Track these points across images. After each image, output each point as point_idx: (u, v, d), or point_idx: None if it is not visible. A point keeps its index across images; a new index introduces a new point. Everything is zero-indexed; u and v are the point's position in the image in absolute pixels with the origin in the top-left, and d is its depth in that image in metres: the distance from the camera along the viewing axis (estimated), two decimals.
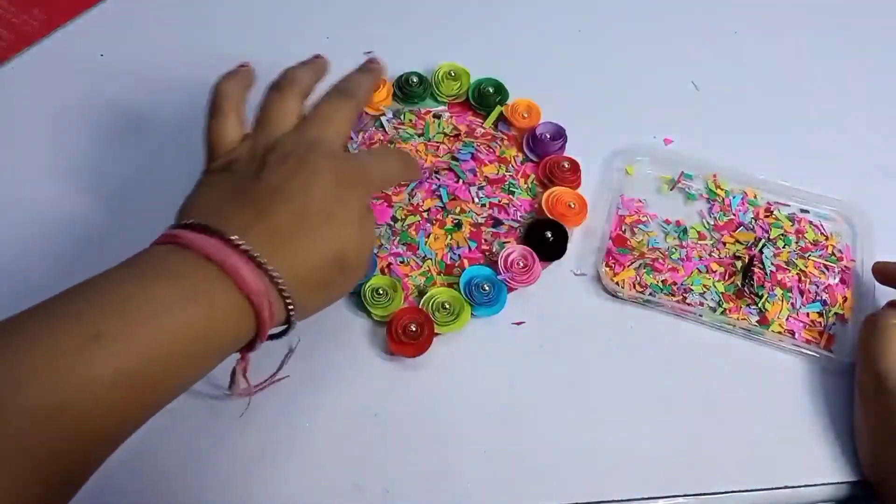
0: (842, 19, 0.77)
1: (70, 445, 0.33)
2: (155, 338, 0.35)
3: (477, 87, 0.66)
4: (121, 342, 0.34)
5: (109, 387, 0.33)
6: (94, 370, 0.33)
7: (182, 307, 0.36)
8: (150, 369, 0.35)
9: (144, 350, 0.35)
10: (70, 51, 0.68)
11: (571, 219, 0.59)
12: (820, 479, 0.51)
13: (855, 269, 0.59)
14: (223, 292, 0.38)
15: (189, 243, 0.38)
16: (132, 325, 0.35)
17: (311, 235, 0.41)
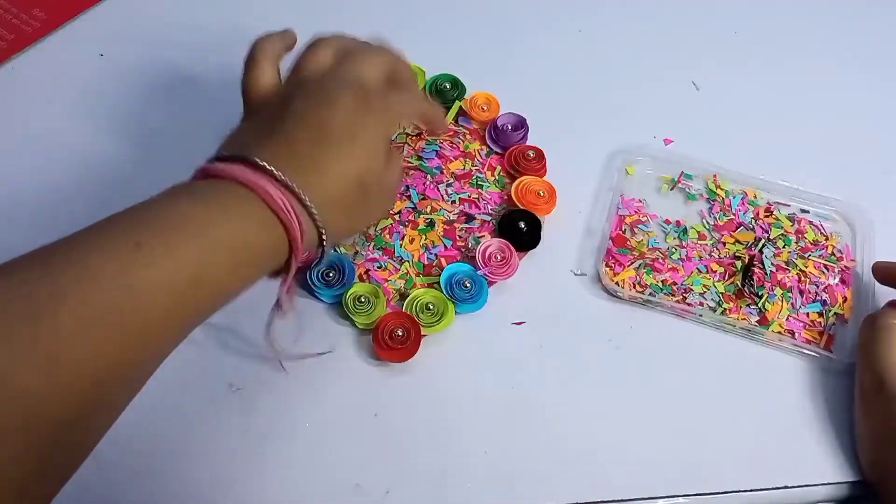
0: (841, 18, 0.77)
1: (115, 349, 0.34)
2: (192, 248, 0.37)
3: (433, 84, 0.66)
4: (160, 250, 0.36)
5: (151, 291, 0.35)
6: (137, 275, 0.34)
7: (216, 223, 0.38)
8: (188, 276, 0.36)
9: (182, 258, 0.36)
10: (70, 50, 0.68)
11: (542, 207, 0.59)
12: (819, 480, 0.51)
13: (855, 269, 0.59)
14: (253, 210, 0.40)
15: (218, 172, 0.41)
16: (169, 236, 0.36)
17: (332, 156, 0.43)
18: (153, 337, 0.36)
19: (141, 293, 0.34)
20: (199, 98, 0.66)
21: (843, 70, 0.73)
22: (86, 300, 0.33)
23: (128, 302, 0.34)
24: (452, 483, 0.49)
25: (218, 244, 0.38)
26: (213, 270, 0.38)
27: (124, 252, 0.35)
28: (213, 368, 0.53)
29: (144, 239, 0.36)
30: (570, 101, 0.68)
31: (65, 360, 0.32)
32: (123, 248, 0.35)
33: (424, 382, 0.53)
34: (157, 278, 0.35)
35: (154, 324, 0.35)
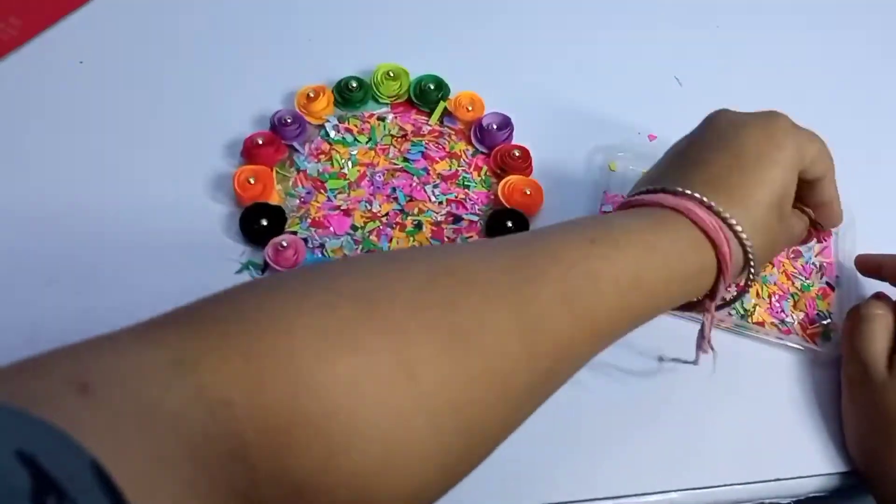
0: (824, 12, 0.78)
1: (572, 327, 0.37)
2: (635, 250, 0.40)
3: (418, 85, 0.66)
4: (610, 247, 0.39)
5: (604, 281, 0.38)
6: (594, 264, 0.38)
7: (653, 232, 0.41)
8: (632, 275, 0.39)
9: (628, 258, 0.39)
10: (48, 58, 0.68)
11: (529, 206, 0.59)
12: (810, 472, 0.51)
13: (838, 261, 0.60)
14: (682, 228, 0.42)
15: (641, 201, 0.44)
16: (618, 235, 0.40)
17: (750, 177, 0.45)
18: (598, 325, 0.38)
19: (597, 281, 0.38)
20: (179, 105, 0.66)
21: (826, 64, 0.73)
22: (555, 279, 0.37)
23: (586, 287, 0.37)
24: None
25: (656, 251, 0.40)
26: (651, 275, 0.40)
27: (583, 245, 0.39)
28: None
29: (598, 237, 0.39)
30: (555, 99, 0.68)
31: (538, 330, 0.35)
32: (582, 241, 0.39)
33: None
34: (609, 270, 0.38)
35: (602, 313, 0.38)
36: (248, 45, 0.70)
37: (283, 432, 0.28)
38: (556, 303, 0.36)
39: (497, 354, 0.34)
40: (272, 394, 0.28)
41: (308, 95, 0.64)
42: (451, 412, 0.32)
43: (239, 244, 0.58)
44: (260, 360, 0.29)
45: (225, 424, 0.27)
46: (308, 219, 0.59)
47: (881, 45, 0.76)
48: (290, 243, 0.56)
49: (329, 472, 0.29)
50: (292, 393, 0.29)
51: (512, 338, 0.34)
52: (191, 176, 0.60)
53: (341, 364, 0.30)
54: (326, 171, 0.61)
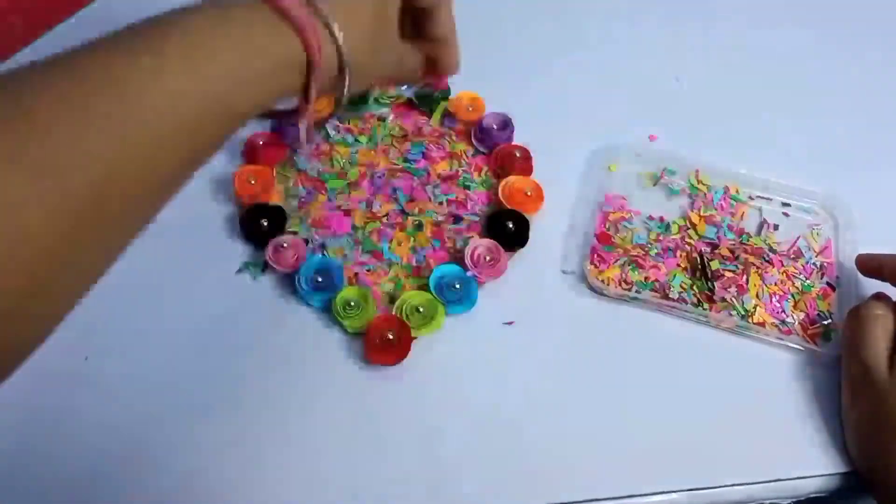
0: (823, 13, 0.78)
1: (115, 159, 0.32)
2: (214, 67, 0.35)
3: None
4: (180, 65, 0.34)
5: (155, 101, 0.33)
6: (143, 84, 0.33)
7: (237, 39, 0.36)
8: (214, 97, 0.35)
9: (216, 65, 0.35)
10: None
11: (529, 206, 0.59)
12: (810, 472, 0.51)
13: (838, 261, 0.60)
14: (264, 18, 0.37)
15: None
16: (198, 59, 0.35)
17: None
18: (158, 151, 0.33)
19: (144, 103, 0.32)
20: None
21: (827, 63, 0.73)
22: (81, 105, 0.31)
23: (127, 110, 0.32)
24: (446, 485, 0.49)
25: (216, 57, 0.35)
26: (225, 88, 0.36)
27: (135, 62, 0.34)
28: (203, 377, 0.52)
29: (156, 52, 0.34)
30: (556, 99, 0.68)
31: (56, 167, 0.30)
32: (134, 58, 0.34)
33: (416, 385, 0.53)
34: (170, 90, 0.33)
35: (159, 137, 0.33)
36: None
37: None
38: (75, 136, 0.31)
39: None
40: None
41: None
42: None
43: (239, 244, 0.58)
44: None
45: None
46: (308, 219, 0.59)
47: (882, 45, 0.76)
48: (291, 243, 0.56)
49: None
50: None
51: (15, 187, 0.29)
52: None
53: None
54: (326, 172, 0.61)
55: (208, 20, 0.36)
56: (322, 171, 0.61)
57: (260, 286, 0.56)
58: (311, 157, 0.62)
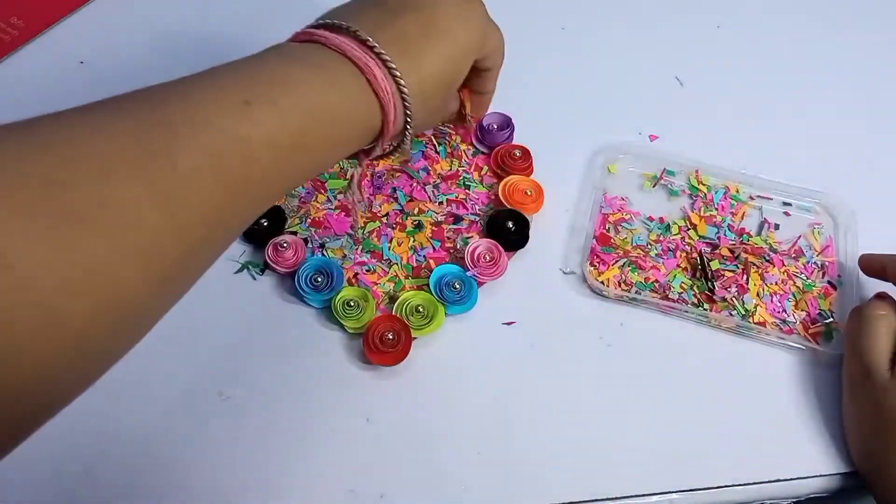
0: (824, 12, 0.78)
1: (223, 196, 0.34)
2: (297, 110, 0.37)
3: None
4: (267, 109, 0.36)
5: (259, 147, 0.35)
6: (247, 130, 0.35)
7: (321, 90, 0.39)
8: (292, 137, 0.37)
9: (288, 120, 0.37)
10: (49, 58, 0.68)
11: (529, 206, 0.59)
12: (810, 472, 0.51)
13: (839, 261, 0.60)
14: (356, 86, 0.41)
15: (326, 41, 0.41)
16: (278, 96, 0.37)
17: (435, 47, 0.44)
18: (255, 190, 0.36)
19: (250, 147, 0.35)
20: None
21: (827, 63, 0.73)
22: (201, 147, 0.33)
23: (237, 153, 0.35)
24: (447, 485, 0.49)
25: (321, 111, 0.38)
26: (314, 135, 0.38)
27: (235, 108, 0.35)
28: (203, 377, 0.52)
29: (254, 97, 0.36)
30: (556, 98, 0.68)
31: (181, 200, 0.32)
32: (234, 104, 0.35)
33: (416, 385, 0.53)
34: (265, 135, 0.36)
35: (258, 177, 0.36)
36: (248, 46, 0.70)
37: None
38: (202, 172, 0.33)
39: (130, 229, 0.31)
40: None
41: None
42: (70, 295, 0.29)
43: (239, 244, 0.58)
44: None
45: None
46: (308, 219, 0.58)
47: (882, 45, 0.75)
48: (290, 243, 0.56)
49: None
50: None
51: (148, 212, 0.31)
52: None
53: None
54: (326, 171, 0.61)
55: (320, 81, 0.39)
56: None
57: (260, 286, 0.56)
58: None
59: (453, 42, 0.45)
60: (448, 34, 0.45)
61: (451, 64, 0.45)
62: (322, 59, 0.40)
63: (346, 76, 0.40)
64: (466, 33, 0.46)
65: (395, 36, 0.43)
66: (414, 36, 0.43)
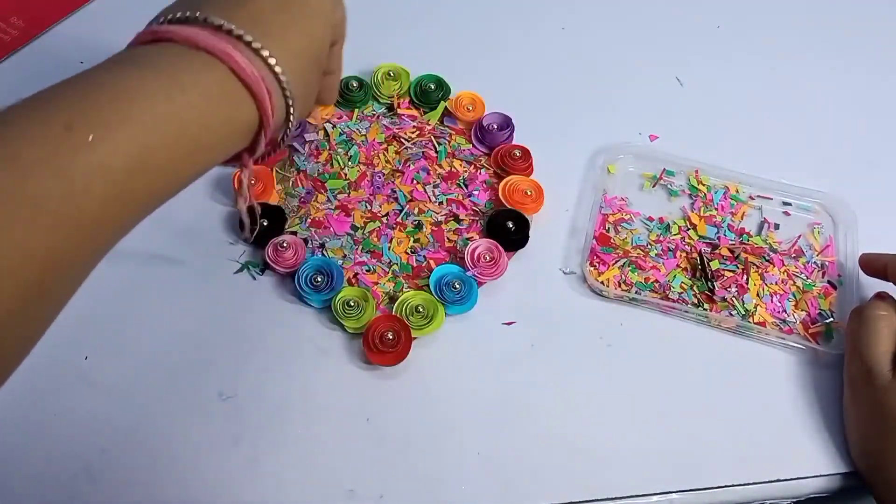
0: (824, 13, 0.78)
1: (48, 241, 0.30)
2: (133, 129, 0.32)
3: (418, 85, 0.66)
4: (96, 130, 0.31)
5: (85, 179, 0.30)
6: (67, 160, 0.30)
7: (167, 97, 0.33)
8: (129, 161, 0.32)
9: (121, 141, 0.32)
10: (49, 59, 0.68)
11: (530, 206, 0.59)
12: (811, 472, 0.51)
13: (839, 260, 0.60)
14: (214, 80, 0.35)
15: (169, 34, 0.36)
16: (108, 115, 0.32)
17: (297, 20, 0.39)
18: (91, 227, 0.31)
19: (73, 181, 0.30)
20: None
21: (827, 63, 0.73)
22: (9, 190, 0.29)
23: (58, 191, 0.30)
24: (446, 485, 0.49)
25: (168, 122, 0.33)
26: (162, 154, 0.33)
27: (53, 134, 0.30)
28: (203, 377, 0.52)
29: (77, 119, 0.31)
30: (556, 98, 0.68)
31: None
32: (52, 130, 0.30)
33: (416, 385, 0.53)
34: (93, 162, 0.30)
35: (91, 213, 0.31)
36: None
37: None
38: (16, 215, 0.29)
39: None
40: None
41: None
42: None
43: (239, 244, 0.58)
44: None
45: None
46: (308, 219, 0.58)
47: (882, 45, 0.75)
48: (290, 243, 0.56)
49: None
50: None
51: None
52: None
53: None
54: (326, 171, 0.61)
55: (159, 86, 0.34)
56: (322, 171, 0.61)
57: (260, 286, 0.56)
58: (311, 157, 0.62)
59: (312, 13, 0.40)
60: (305, 5, 0.40)
61: (316, 34, 0.41)
62: (167, 57, 0.35)
63: (200, 70, 0.35)
64: (320, 3, 0.41)
65: (251, 16, 0.37)
66: (271, 12, 0.38)
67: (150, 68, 0.34)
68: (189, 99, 0.34)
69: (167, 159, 0.33)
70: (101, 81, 0.33)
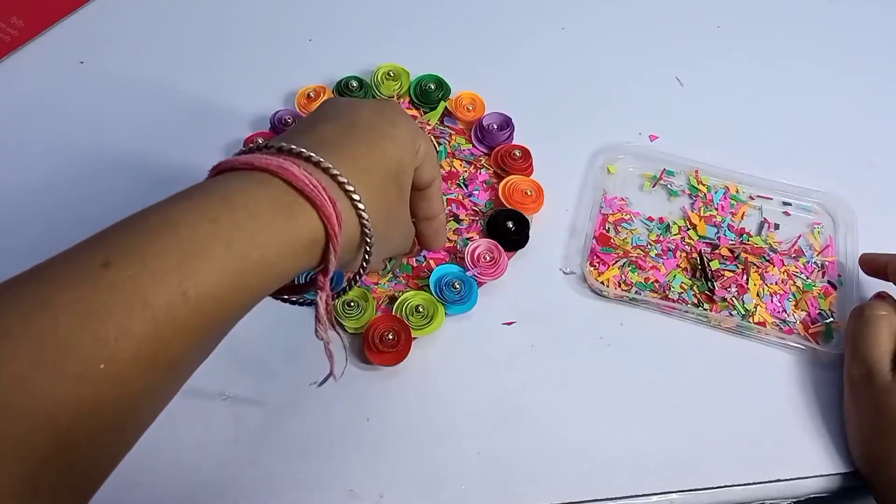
0: (824, 13, 0.78)
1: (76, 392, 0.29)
2: (176, 257, 0.31)
3: (418, 85, 0.66)
4: (133, 266, 0.30)
5: (122, 314, 0.29)
6: (100, 300, 0.29)
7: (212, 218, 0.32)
8: (171, 291, 0.30)
9: (162, 271, 0.31)
10: (49, 58, 0.68)
11: (529, 206, 0.59)
12: (812, 472, 0.51)
13: (839, 260, 0.60)
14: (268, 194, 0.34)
15: (232, 163, 0.36)
16: (147, 248, 0.31)
17: (365, 140, 0.39)
18: (129, 375, 0.30)
19: (106, 322, 0.29)
20: (180, 103, 0.65)
21: (827, 63, 0.73)
22: (40, 334, 0.28)
23: (90, 334, 0.29)
24: (446, 486, 0.49)
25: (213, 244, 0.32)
26: (208, 281, 0.31)
27: (89, 273, 0.30)
28: (204, 377, 0.52)
29: (115, 258, 0.30)
30: (556, 99, 0.68)
31: (11, 413, 0.28)
32: (89, 267, 0.30)
33: (416, 385, 0.53)
34: (129, 301, 0.30)
35: (128, 360, 0.30)
36: (248, 46, 0.70)
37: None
38: (45, 362, 0.28)
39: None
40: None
41: (308, 95, 0.64)
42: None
43: None
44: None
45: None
46: None
47: (882, 45, 0.75)
48: None
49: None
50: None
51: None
52: (191, 176, 0.60)
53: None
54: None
55: (204, 212, 0.33)
56: None
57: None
58: None
59: (383, 135, 0.40)
60: (374, 130, 0.40)
61: (389, 153, 0.40)
62: (223, 181, 0.35)
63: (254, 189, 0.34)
64: (392, 128, 0.41)
65: (316, 140, 0.38)
66: (337, 136, 0.39)
67: (199, 195, 0.34)
68: (236, 217, 0.33)
69: (213, 286, 0.32)
70: (145, 216, 0.32)
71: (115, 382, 0.29)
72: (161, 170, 0.61)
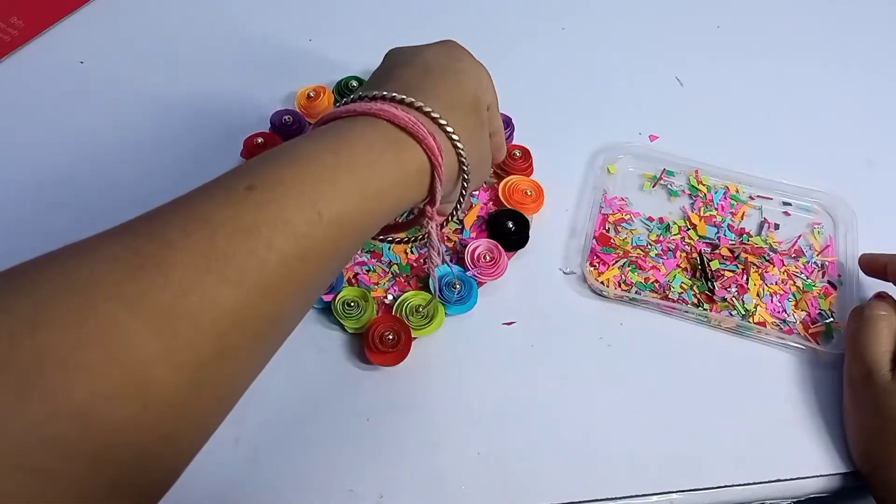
0: (824, 13, 0.78)
1: (233, 299, 0.32)
2: (309, 183, 0.35)
3: None
4: (275, 190, 0.34)
5: (268, 232, 0.33)
6: (249, 217, 0.33)
7: (335, 152, 0.37)
8: (307, 214, 0.35)
9: (301, 195, 0.35)
10: (49, 58, 0.68)
11: (529, 206, 0.59)
12: (811, 472, 0.51)
13: (839, 260, 0.60)
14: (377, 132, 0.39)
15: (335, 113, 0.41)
16: (284, 175, 0.35)
17: (444, 80, 0.44)
18: (275, 282, 0.33)
19: (256, 236, 0.33)
20: (180, 104, 0.66)
21: (827, 63, 0.73)
22: (201, 247, 0.31)
23: (243, 246, 0.32)
24: (446, 485, 0.49)
25: (339, 173, 0.37)
26: (337, 203, 0.36)
27: (236, 196, 0.33)
28: None
29: (256, 182, 0.34)
30: (556, 99, 0.68)
31: (180, 314, 0.30)
32: (236, 193, 0.34)
33: (416, 385, 0.53)
34: (274, 219, 0.33)
35: (273, 268, 0.33)
36: (248, 46, 0.70)
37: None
38: (208, 271, 0.31)
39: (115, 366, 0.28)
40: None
41: (308, 95, 0.64)
42: (47, 449, 0.27)
43: None
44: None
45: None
46: None
47: (882, 45, 0.75)
48: None
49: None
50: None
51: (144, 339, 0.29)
52: (191, 176, 0.60)
53: None
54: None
55: (326, 147, 0.37)
56: None
57: None
58: None
59: (456, 72, 0.45)
60: (445, 70, 0.45)
61: (467, 88, 0.45)
62: (335, 127, 0.40)
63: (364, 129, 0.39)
64: (460, 63, 0.47)
65: (401, 86, 0.43)
66: (418, 82, 0.44)
67: (317, 136, 0.38)
68: (354, 150, 0.38)
69: (341, 208, 0.36)
70: (273, 153, 0.37)
71: (263, 293, 0.33)
72: (161, 169, 0.61)
